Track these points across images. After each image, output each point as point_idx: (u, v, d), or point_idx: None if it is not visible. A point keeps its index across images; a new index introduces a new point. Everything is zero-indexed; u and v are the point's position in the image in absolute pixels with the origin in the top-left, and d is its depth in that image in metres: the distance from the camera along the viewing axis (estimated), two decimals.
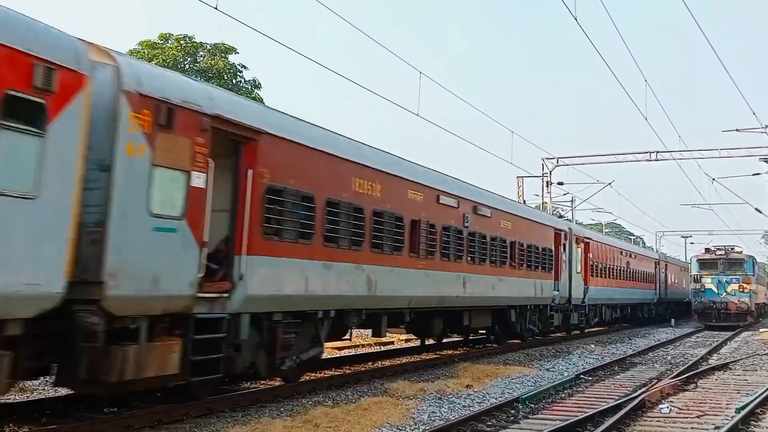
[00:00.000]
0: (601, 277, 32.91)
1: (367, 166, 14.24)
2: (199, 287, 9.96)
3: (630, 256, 39.35)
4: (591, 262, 31.01)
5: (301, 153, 12.15)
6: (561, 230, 27.70)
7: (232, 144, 11.03)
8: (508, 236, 21.83)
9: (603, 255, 33.65)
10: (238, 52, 41.69)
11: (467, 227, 18.86)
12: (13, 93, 7.43)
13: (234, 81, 40.49)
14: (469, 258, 18.98)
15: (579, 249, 29.28)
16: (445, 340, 23.36)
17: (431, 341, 22.28)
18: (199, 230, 9.91)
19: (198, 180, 9.87)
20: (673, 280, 51.20)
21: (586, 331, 32.91)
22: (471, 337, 24.58)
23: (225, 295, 10.62)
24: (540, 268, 24.61)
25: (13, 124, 7.43)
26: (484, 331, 24.03)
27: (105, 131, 8.72)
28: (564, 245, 27.49)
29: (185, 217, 9.64)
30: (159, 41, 40.60)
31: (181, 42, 40.69)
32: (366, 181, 14.09)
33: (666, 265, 49.66)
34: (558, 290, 26.60)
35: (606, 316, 35.16)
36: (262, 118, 11.53)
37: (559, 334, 29.74)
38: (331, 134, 13.76)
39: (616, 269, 36.07)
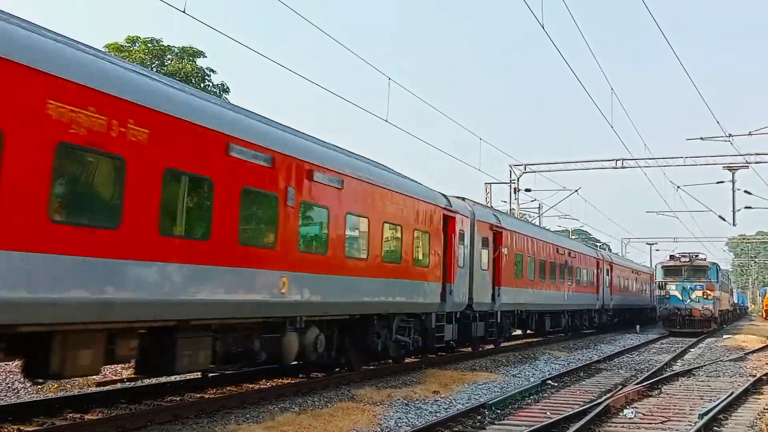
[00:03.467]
0: None
1: None
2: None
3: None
4: None
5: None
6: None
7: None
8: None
9: None
10: (206, 56, 41.43)
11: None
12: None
13: (202, 85, 40.21)
14: None
15: None
16: None
17: None
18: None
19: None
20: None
21: None
22: None
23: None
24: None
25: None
26: None
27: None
28: None
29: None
30: (126, 44, 40.22)
31: (149, 45, 40.35)
32: None
33: (510, 235, 25.52)
34: None
35: None
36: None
37: None
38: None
39: None
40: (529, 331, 31.78)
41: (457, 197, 22.18)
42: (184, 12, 13.42)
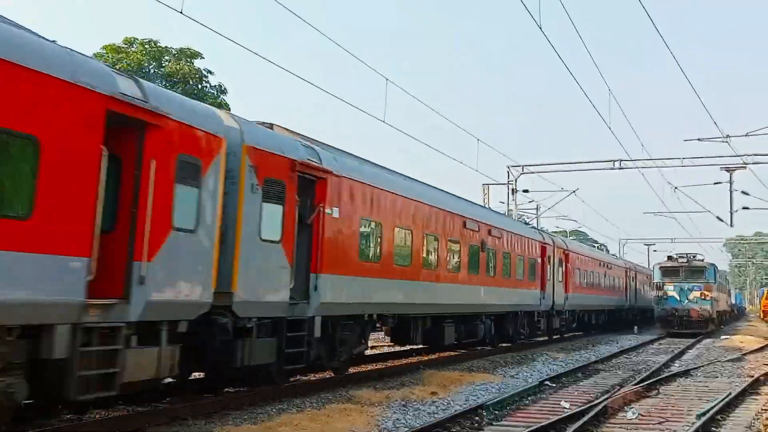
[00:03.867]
0: None
1: None
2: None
3: None
4: None
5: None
6: None
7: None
8: None
9: None
10: (203, 57, 41.48)
11: None
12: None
13: (199, 86, 40.23)
14: None
15: None
16: None
17: None
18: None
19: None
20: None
21: None
22: None
23: None
24: None
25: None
26: None
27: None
28: None
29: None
30: (123, 45, 40.25)
31: (146, 46, 40.40)
32: None
33: (351, 187, 15.15)
34: None
35: None
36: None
37: None
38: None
39: None
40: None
41: (266, 123, 13.88)
42: (181, 12, 13.41)
